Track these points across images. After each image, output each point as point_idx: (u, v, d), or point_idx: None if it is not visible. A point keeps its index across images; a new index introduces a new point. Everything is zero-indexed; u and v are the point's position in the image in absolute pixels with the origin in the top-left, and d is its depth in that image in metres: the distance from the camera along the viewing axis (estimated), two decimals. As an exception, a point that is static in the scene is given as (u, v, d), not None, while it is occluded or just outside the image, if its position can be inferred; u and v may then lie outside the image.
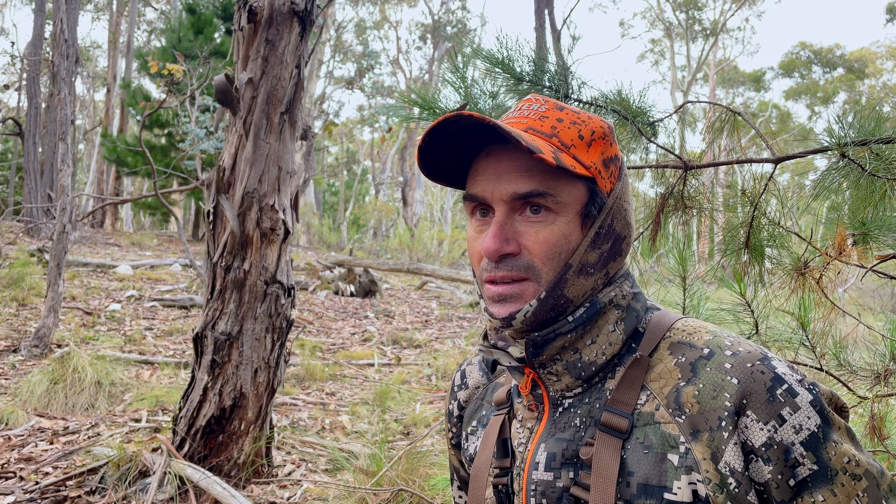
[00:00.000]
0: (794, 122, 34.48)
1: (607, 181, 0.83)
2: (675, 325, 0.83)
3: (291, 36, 3.60)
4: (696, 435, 0.74)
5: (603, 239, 0.82)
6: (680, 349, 0.80)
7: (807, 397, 0.73)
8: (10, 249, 10.02)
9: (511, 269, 0.79)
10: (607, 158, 0.84)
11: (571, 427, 0.82)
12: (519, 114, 0.84)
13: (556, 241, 0.79)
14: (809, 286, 1.74)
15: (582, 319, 0.80)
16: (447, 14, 31.17)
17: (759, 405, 0.72)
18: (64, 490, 3.20)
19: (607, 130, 0.85)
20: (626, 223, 0.85)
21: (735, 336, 0.81)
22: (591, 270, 0.81)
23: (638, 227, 2.03)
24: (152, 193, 5.92)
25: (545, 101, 0.85)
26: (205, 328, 3.46)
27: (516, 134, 0.73)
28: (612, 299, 0.82)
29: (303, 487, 3.47)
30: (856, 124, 1.48)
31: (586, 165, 0.81)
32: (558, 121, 0.82)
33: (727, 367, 0.75)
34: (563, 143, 0.80)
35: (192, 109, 11.50)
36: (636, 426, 0.78)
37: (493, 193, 0.80)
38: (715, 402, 0.74)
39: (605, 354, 0.82)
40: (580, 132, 0.82)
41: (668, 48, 33.79)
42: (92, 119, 30.77)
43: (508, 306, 0.80)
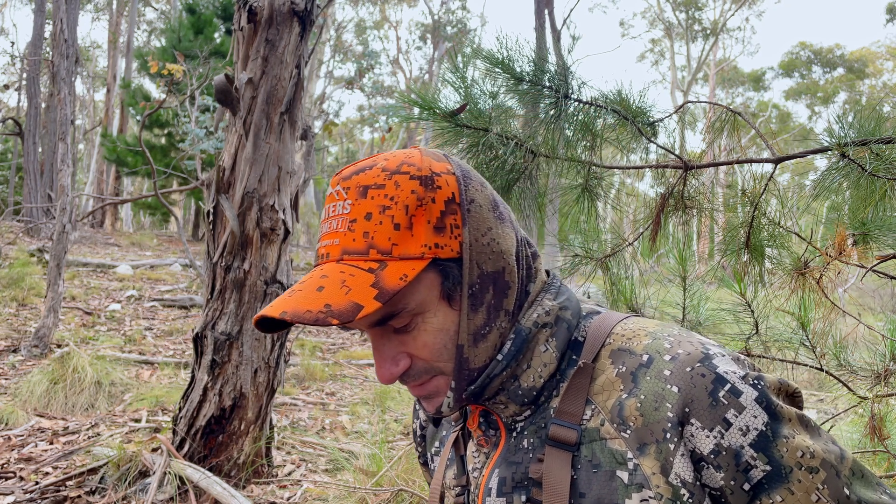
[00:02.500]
0: (794, 122, 34.48)
1: (450, 242, 0.73)
2: (615, 329, 0.79)
3: (291, 36, 3.60)
4: (643, 449, 0.70)
5: (481, 294, 0.75)
6: (620, 357, 0.76)
7: (751, 395, 0.69)
8: (10, 249, 10.02)
9: (416, 377, 0.77)
10: (437, 220, 0.73)
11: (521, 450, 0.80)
12: (329, 227, 0.75)
13: (434, 338, 0.75)
14: (809, 286, 1.74)
15: (511, 354, 0.76)
16: (447, 14, 31.17)
17: (702, 411, 0.69)
18: (64, 490, 3.20)
19: (421, 191, 0.73)
20: (496, 255, 0.76)
21: (677, 334, 0.76)
22: (486, 330, 0.76)
23: (638, 227, 2.03)
24: (152, 193, 5.92)
25: (346, 188, 0.74)
26: (205, 328, 3.46)
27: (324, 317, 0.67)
28: (535, 321, 0.78)
29: (303, 487, 3.47)
30: (856, 124, 1.48)
31: (417, 256, 0.71)
32: (367, 218, 0.72)
33: (666, 374, 0.71)
34: (383, 251, 0.71)
35: (192, 109, 11.50)
36: (583, 442, 0.74)
37: (357, 325, 0.76)
38: (657, 413, 0.70)
39: (541, 376, 0.78)
40: (394, 220, 0.71)
41: (668, 48, 33.80)
42: (92, 119, 30.77)
43: (432, 402, 0.79)
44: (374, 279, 0.70)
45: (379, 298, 0.68)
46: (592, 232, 2.07)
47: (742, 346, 1.87)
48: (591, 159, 1.94)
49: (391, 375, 0.76)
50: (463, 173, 0.78)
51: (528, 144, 1.84)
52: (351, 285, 0.69)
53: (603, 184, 2.00)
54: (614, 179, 2.28)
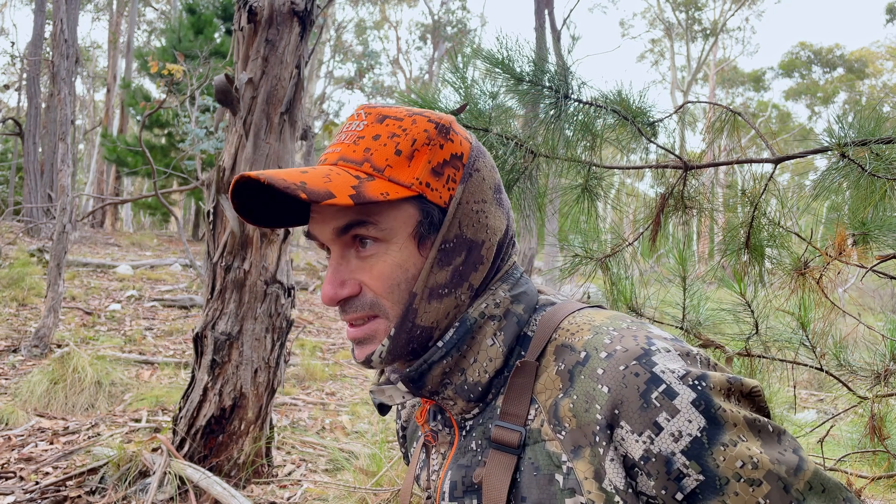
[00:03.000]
0: (794, 122, 34.48)
1: (442, 190, 0.75)
2: (563, 323, 0.76)
3: (291, 36, 3.60)
4: (576, 452, 0.67)
5: (452, 253, 0.74)
6: (562, 353, 0.72)
7: (688, 396, 0.63)
8: (10, 249, 10.02)
9: (356, 309, 0.75)
10: (439, 164, 0.75)
11: (469, 451, 0.78)
12: (337, 139, 0.78)
13: (392, 272, 0.73)
14: (809, 286, 1.74)
15: (453, 342, 0.74)
16: (447, 14, 31.17)
17: (632, 414, 0.64)
18: (64, 490, 3.20)
19: (433, 133, 0.76)
20: (481, 226, 0.77)
21: (624, 328, 0.71)
22: (444, 291, 0.74)
23: (638, 227, 2.03)
24: (152, 193, 5.92)
25: (368, 113, 0.78)
26: (205, 328, 3.46)
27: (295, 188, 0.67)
28: (483, 312, 0.76)
29: (303, 487, 3.47)
30: (856, 124, 1.49)
31: (406, 185, 0.73)
32: (374, 138, 0.75)
33: (599, 372, 0.67)
34: (376, 167, 0.73)
35: (192, 109, 11.50)
36: (528, 444, 0.71)
37: (320, 233, 0.76)
38: (588, 415, 0.66)
39: (486, 372, 0.75)
40: (398, 146, 0.74)
41: (668, 48, 33.80)
42: (92, 119, 30.77)
43: (364, 349, 0.77)
44: (356, 182, 0.71)
45: (353, 198, 0.69)
46: (592, 232, 2.07)
47: (742, 346, 1.87)
48: (591, 159, 1.94)
49: (334, 296, 0.75)
50: (479, 149, 0.81)
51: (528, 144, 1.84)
52: (333, 178, 0.71)
53: (603, 184, 2.00)
54: (614, 179, 2.28)
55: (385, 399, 0.82)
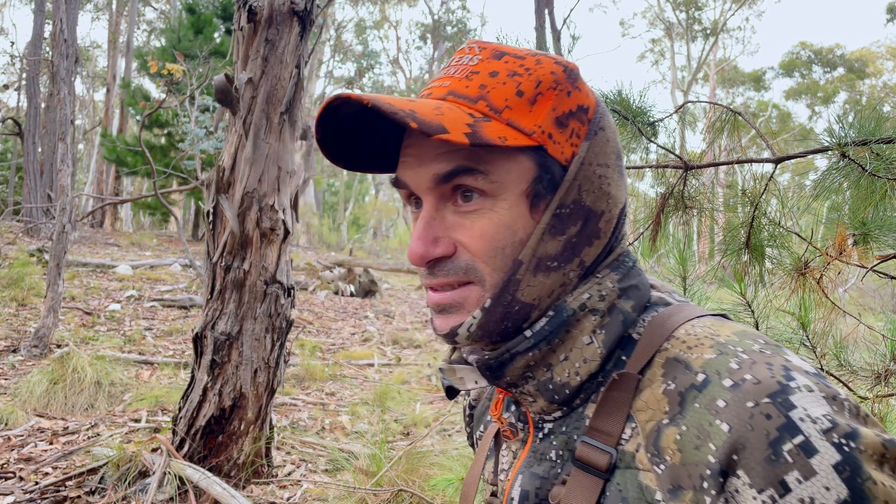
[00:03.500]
0: (795, 121, 34.49)
1: (565, 145, 0.64)
2: (677, 332, 0.63)
3: (291, 36, 3.60)
4: (675, 493, 0.56)
5: (567, 221, 0.64)
6: (674, 369, 0.60)
7: (830, 457, 0.50)
8: (9, 249, 10.02)
9: (448, 273, 0.65)
10: (564, 114, 0.65)
11: (547, 461, 0.67)
12: (445, 73, 0.68)
13: (497, 232, 0.63)
14: (810, 286, 1.74)
15: (544, 333, 0.63)
16: (447, 14, 31.18)
17: (755, 464, 0.51)
18: (63, 490, 3.19)
19: (561, 76, 0.65)
20: (602, 194, 0.66)
21: (756, 351, 0.57)
22: (553, 264, 0.64)
23: (638, 226, 2.03)
24: (152, 193, 5.91)
25: (482, 47, 0.67)
26: (204, 328, 3.46)
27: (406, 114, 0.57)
28: (584, 303, 0.64)
29: (303, 488, 3.47)
30: (856, 124, 1.48)
31: (527, 131, 0.62)
32: (491, 75, 0.64)
33: (720, 404, 0.55)
34: (493, 107, 0.63)
35: (191, 109, 11.50)
36: (619, 466, 0.60)
37: (415, 179, 0.66)
38: (698, 453, 0.54)
39: (578, 374, 0.64)
40: (519, 86, 0.63)
41: (668, 48, 33.80)
42: (92, 119, 30.76)
43: (450, 318, 0.66)
44: (471, 121, 0.61)
45: (469, 137, 0.58)
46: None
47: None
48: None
49: (425, 254, 0.64)
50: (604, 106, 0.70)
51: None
52: (445, 112, 0.61)
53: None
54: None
55: (455, 381, 0.72)
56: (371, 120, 0.69)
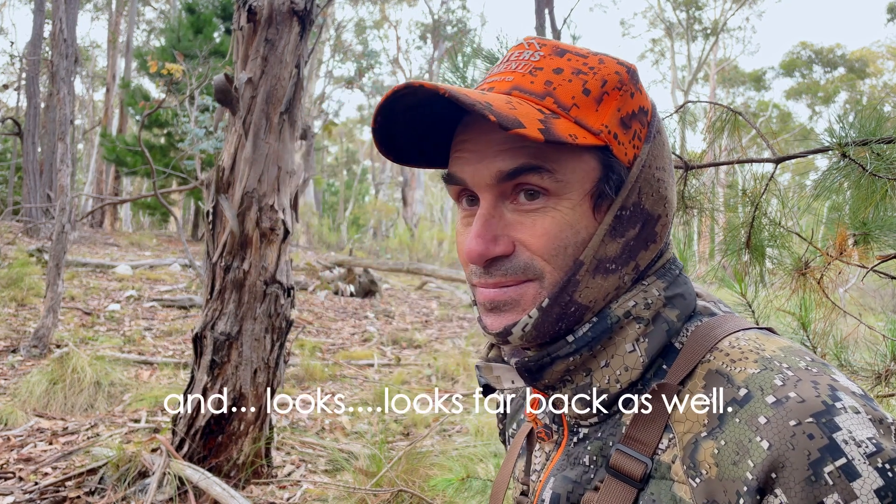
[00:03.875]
0: (795, 121, 34.50)
1: (628, 146, 0.64)
2: (721, 344, 0.62)
3: (291, 35, 3.60)
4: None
5: (627, 223, 0.64)
6: (716, 382, 0.59)
7: (872, 482, 0.49)
8: (9, 249, 10.01)
9: (505, 273, 0.63)
10: (627, 115, 0.64)
11: (580, 465, 0.67)
12: (506, 67, 0.66)
13: (560, 232, 0.62)
14: (810, 286, 1.74)
15: (586, 339, 0.63)
16: (447, 13, 31.18)
17: (794, 484, 0.50)
18: (63, 490, 3.19)
19: (625, 77, 0.65)
20: (660, 198, 0.66)
21: (803, 368, 0.56)
22: (611, 266, 0.63)
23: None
24: (152, 193, 5.91)
25: (542, 44, 0.66)
26: (204, 328, 3.46)
27: (483, 106, 0.56)
28: (628, 311, 0.64)
29: (302, 488, 3.46)
30: (857, 124, 1.48)
31: (594, 130, 0.62)
32: (556, 72, 0.63)
33: (761, 421, 0.54)
34: (561, 104, 0.62)
35: (191, 109, 11.50)
36: (654, 476, 0.60)
37: (474, 176, 0.64)
38: (736, 469, 0.54)
39: (619, 382, 0.64)
40: (585, 85, 0.63)
41: (669, 48, 33.81)
42: (91, 119, 30.77)
43: (504, 317, 0.64)
44: (542, 117, 0.60)
45: (543, 133, 0.57)
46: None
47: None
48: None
49: (485, 252, 0.62)
50: (657, 110, 0.70)
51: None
52: (517, 107, 0.60)
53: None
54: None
55: (491, 380, 0.71)
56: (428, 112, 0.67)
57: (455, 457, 3.62)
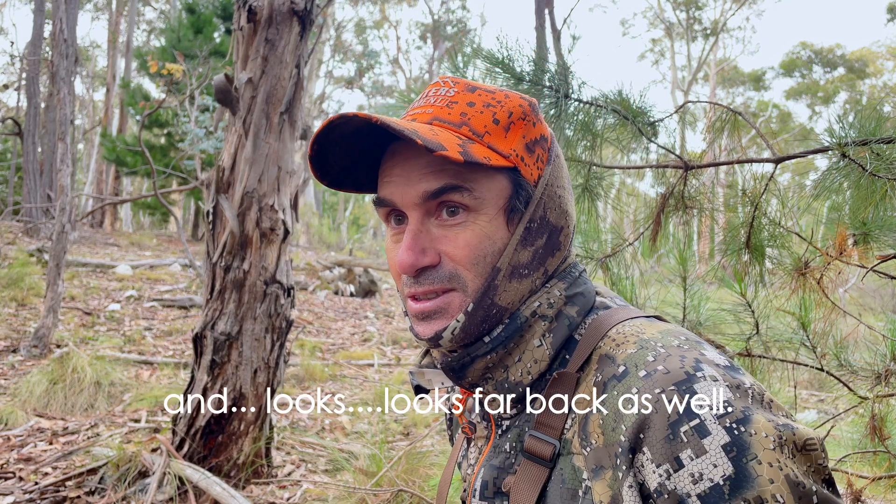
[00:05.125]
0: (795, 121, 34.49)
1: (533, 168, 0.73)
2: (611, 332, 0.71)
3: (291, 35, 3.60)
4: (597, 472, 0.63)
5: (535, 234, 0.73)
6: (604, 364, 0.68)
7: (720, 439, 0.57)
8: (9, 249, 10.02)
9: (433, 281, 0.71)
10: (531, 141, 0.74)
11: (503, 452, 0.75)
12: (425, 102, 0.75)
13: (479, 242, 0.70)
14: (810, 286, 1.74)
15: (501, 339, 0.71)
16: (447, 14, 31.18)
17: (656, 442, 0.59)
18: (63, 490, 3.19)
19: (528, 109, 0.75)
20: (561, 212, 0.76)
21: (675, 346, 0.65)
22: (524, 272, 0.72)
23: (638, 226, 2.03)
24: (152, 193, 5.91)
25: (455, 82, 0.76)
26: (204, 328, 3.46)
27: (410, 132, 0.64)
28: (535, 311, 0.72)
29: (302, 488, 3.47)
30: (856, 124, 1.48)
31: (504, 154, 0.71)
32: (469, 105, 0.73)
33: (633, 392, 0.62)
34: (475, 132, 0.71)
35: (191, 109, 11.50)
36: (562, 454, 0.68)
37: (402, 197, 0.72)
38: (614, 434, 0.62)
39: (530, 374, 0.72)
40: (495, 115, 0.72)
41: (669, 48, 33.81)
42: (91, 119, 30.76)
43: (434, 324, 0.72)
44: (461, 142, 0.69)
45: (463, 155, 0.66)
46: (592, 232, 2.07)
47: (743, 346, 1.87)
48: (591, 159, 1.94)
49: (415, 262, 0.70)
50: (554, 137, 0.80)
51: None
52: (438, 133, 0.69)
53: (603, 184, 2.00)
54: (615, 179, 2.27)
55: (423, 382, 0.80)
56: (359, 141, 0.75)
57: (455, 457, 3.61)
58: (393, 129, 0.64)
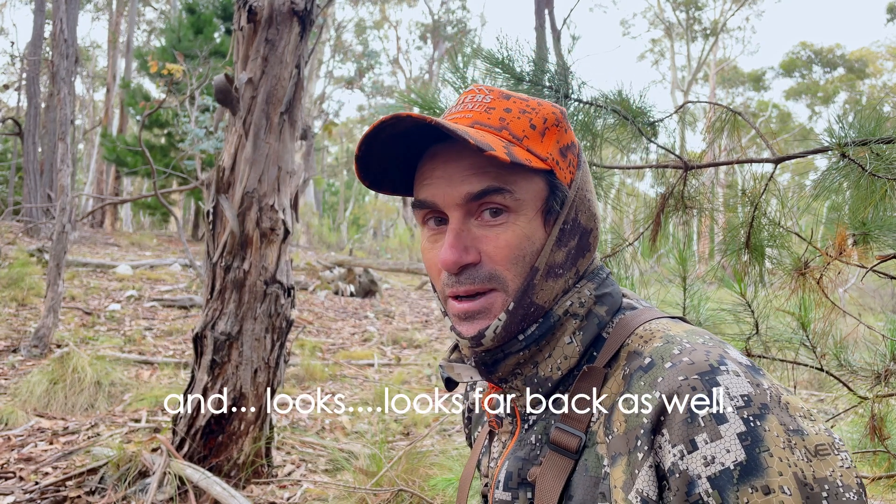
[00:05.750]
0: (795, 121, 34.48)
1: (566, 171, 0.77)
2: (638, 329, 0.74)
3: (291, 36, 3.60)
4: (615, 459, 0.66)
5: (569, 235, 0.76)
6: (631, 359, 0.71)
7: (737, 428, 0.59)
8: (9, 249, 10.02)
9: (474, 280, 0.73)
10: (564, 147, 0.77)
11: (528, 445, 0.78)
12: (462, 108, 0.78)
13: (519, 243, 0.73)
14: (810, 286, 1.74)
15: (535, 336, 0.74)
16: (447, 14, 31.18)
17: (675, 424, 0.61)
18: (63, 490, 3.19)
19: (560, 116, 0.78)
20: (591, 215, 0.79)
21: (700, 343, 0.68)
22: (559, 271, 0.75)
23: (638, 227, 2.03)
24: (152, 193, 5.92)
25: (489, 90, 0.79)
26: (204, 328, 3.46)
27: (462, 132, 0.66)
28: (567, 309, 0.75)
29: (303, 488, 3.47)
30: (856, 124, 1.48)
31: (542, 157, 0.74)
32: (506, 111, 0.75)
33: (659, 380, 0.65)
34: (515, 136, 0.74)
35: (191, 109, 11.50)
36: (588, 446, 0.71)
37: (444, 198, 0.74)
38: (637, 419, 0.64)
39: (559, 369, 0.75)
40: (531, 121, 0.75)
41: (669, 48, 33.80)
42: (91, 119, 30.76)
43: (476, 323, 0.74)
44: (504, 143, 0.72)
45: (508, 156, 0.68)
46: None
47: (742, 346, 1.87)
48: (591, 159, 1.94)
49: (458, 260, 0.72)
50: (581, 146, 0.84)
51: (528, 144, 1.83)
52: (483, 135, 0.71)
53: (603, 184, 2.00)
54: (614, 179, 2.28)
55: (453, 376, 0.82)
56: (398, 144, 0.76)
57: (455, 456, 3.62)
58: (447, 130, 0.66)
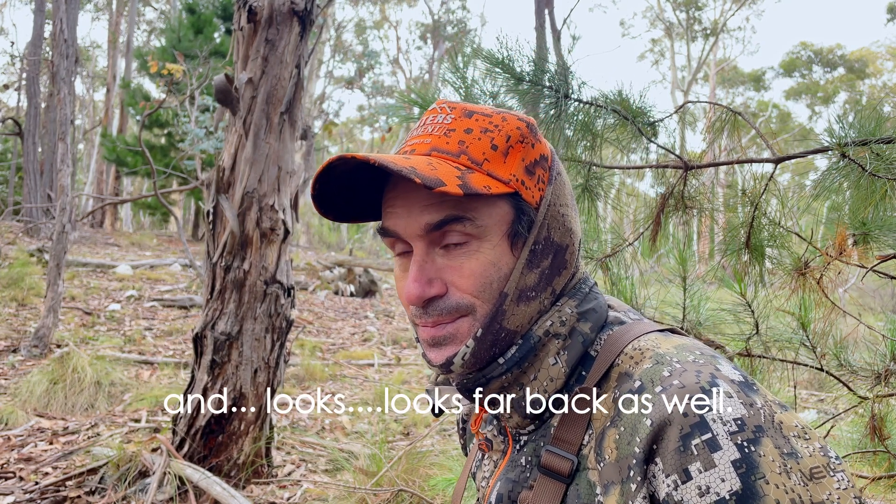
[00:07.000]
0: (795, 121, 34.49)
1: (534, 190, 0.74)
2: (627, 348, 0.71)
3: (291, 36, 3.60)
4: (608, 488, 0.63)
5: (541, 255, 0.73)
6: (622, 381, 0.68)
7: (731, 455, 0.57)
8: (9, 249, 10.01)
9: (441, 312, 0.72)
10: (531, 163, 0.74)
11: (519, 466, 0.76)
12: (423, 130, 0.76)
13: (485, 270, 0.71)
14: (810, 286, 1.74)
15: (515, 360, 0.72)
16: (447, 14, 31.19)
17: (668, 453, 0.59)
18: (63, 490, 3.19)
19: (526, 131, 0.75)
20: (566, 230, 0.76)
21: (690, 361, 0.65)
22: (532, 294, 0.72)
23: (638, 227, 2.03)
24: (152, 193, 5.92)
25: (452, 108, 0.76)
26: (204, 328, 3.46)
27: (409, 171, 0.64)
28: (548, 329, 0.73)
29: (303, 488, 3.47)
30: (856, 124, 1.48)
31: (504, 180, 0.71)
32: (466, 132, 0.73)
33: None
34: (474, 160, 0.71)
35: (191, 109, 11.51)
36: (580, 470, 0.68)
37: (405, 229, 0.72)
38: (628, 448, 0.62)
39: (546, 391, 0.72)
40: (493, 141, 0.72)
41: (669, 48, 33.81)
42: (91, 119, 30.76)
43: (444, 350, 0.73)
44: (459, 174, 0.69)
45: (462, 188, 0.66)
46: (592, 232, 2.07)
47: (742, 346, 1.87)
48: (591, 159, 1.94)
49: (421, 294, 0.71)
50: (555, 154, 0.80)
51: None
52: (437, 167, 0.68)
53: (603, 184, 2.00)
54: (614, 179, 2.27)
55: (439, 402, 0.80)
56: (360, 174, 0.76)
57: (455, 456, 3.62)
58: (391, 170, 0.64)
